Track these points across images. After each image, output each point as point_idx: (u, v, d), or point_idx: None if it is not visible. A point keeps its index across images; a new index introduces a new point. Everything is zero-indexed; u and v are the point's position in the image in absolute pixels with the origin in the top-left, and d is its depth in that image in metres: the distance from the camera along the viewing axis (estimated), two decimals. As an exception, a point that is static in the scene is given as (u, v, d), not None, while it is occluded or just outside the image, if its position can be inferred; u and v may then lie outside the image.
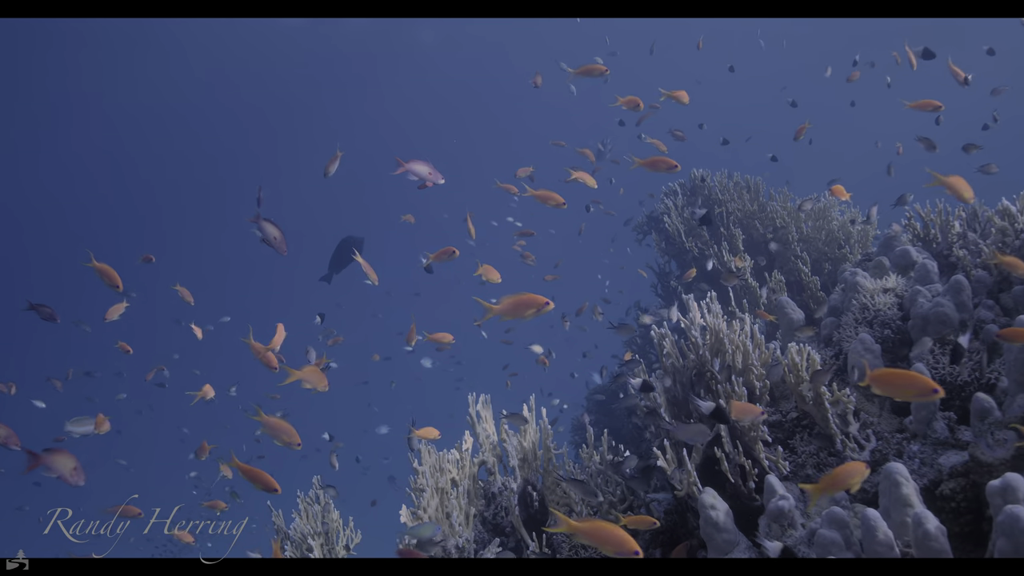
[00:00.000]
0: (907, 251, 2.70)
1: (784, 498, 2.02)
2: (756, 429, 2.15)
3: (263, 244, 2.84)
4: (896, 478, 1.80)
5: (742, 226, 4.60)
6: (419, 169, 2.69)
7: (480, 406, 2.83)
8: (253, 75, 23.22)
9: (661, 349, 2.45)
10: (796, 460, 2.25)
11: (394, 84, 24.54)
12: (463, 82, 24.38)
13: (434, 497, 2.33)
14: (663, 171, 3.10)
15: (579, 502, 2.49)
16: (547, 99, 22.90)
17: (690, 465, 2.10)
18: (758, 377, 2.28)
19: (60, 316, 3.66)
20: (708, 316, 2.37)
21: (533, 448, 2.68)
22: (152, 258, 4.38)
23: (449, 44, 22.09)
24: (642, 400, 2.52)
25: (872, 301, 2.54)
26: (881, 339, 2.46)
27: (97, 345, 6.75)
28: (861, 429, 2.30)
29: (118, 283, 3.11)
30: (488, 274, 2.99)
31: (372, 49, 23.03)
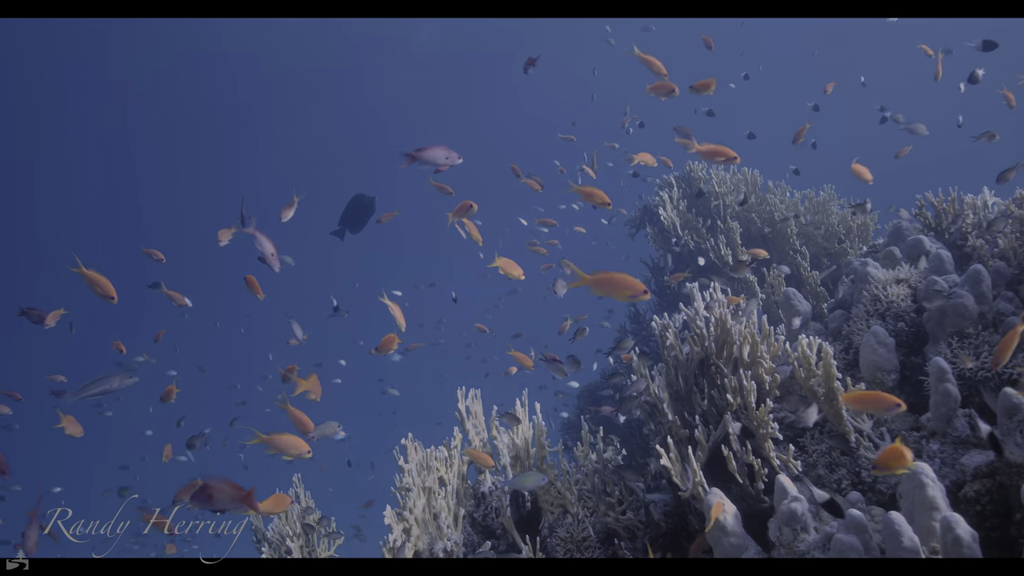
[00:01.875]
0: (920, 240, 2.58)
1: (797, 500, 1.89)
2: (766, 427, 2.01)
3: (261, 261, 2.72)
4: (921, 479, 1.66)
5: (740, 219, 4.48)
6: (435, 155, 2.53)
7: (470, 401, 2.68)
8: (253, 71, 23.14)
9: (663, 341, 2.31)
10: (807, 459, 2.11)
11: (395, 78, 24.46)
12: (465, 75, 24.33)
13: (421, 497, 2.18)
14: (720, 163, 2.92)
15: (575, 503, 2.34)
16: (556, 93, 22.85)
17: (696, 464, 1.96)
18: (767, 371, 2.15)
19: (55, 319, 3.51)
20: (715, 306, 2.23)
21: (526, 445, 2.54)
22: (163, 258, 4.09)
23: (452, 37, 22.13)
24: (642, 396, 2.37)
25: (884, 292, 2.41)
26: (895, 332, 2.33)
27: (97, 347, 6.52)
28: (875, 427, 2.17)
29: (111, 293, 2.74)
30: (508, 268, 2.84)
31: (370, 42, 22.98)
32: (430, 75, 24.64)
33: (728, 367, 2.20)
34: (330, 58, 23.34)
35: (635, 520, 2.31)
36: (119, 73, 21.73)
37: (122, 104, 22.95)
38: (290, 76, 23.81)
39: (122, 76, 21.90)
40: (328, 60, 23.40)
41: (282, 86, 24.17)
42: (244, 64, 22.86)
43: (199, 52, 21.81)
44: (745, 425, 2.10)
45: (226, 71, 22.88)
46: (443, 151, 2.53)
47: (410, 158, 2.53)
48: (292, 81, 24.11)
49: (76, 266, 2.76)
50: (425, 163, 2.56)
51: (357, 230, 5.57)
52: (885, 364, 2.24)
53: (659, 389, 2.20)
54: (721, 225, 4.41)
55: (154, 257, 3.91)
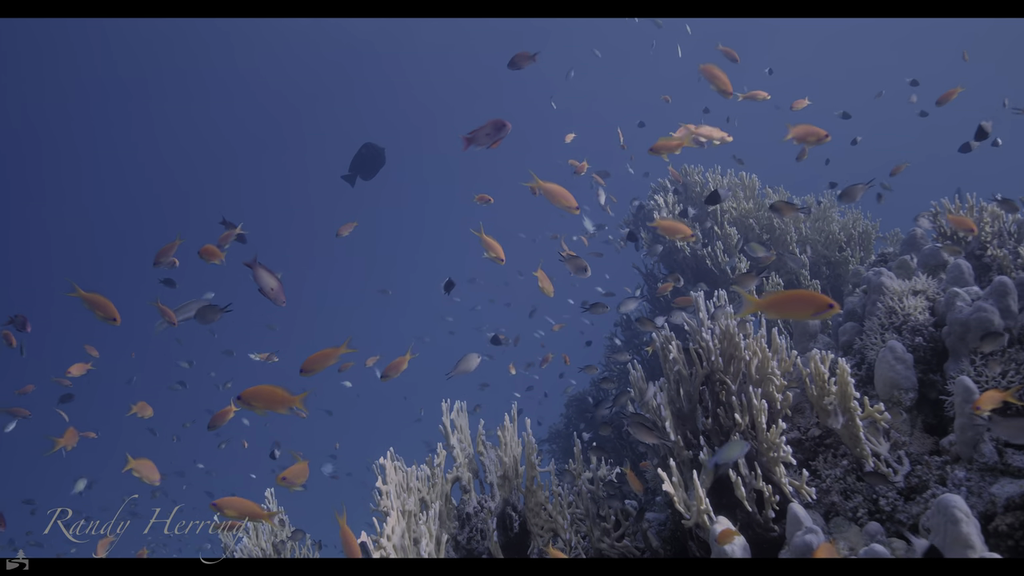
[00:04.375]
0: (938, 249, 2.42)
1: (812, 531, 1.72)
2: (778, 450, 1.84)
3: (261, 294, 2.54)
4: (954, 513, 1.50)
5: (737, 225, 4.33)
6: (490, 131, 2.37)
7: (455, 414, 2.50)
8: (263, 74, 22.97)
9: (665, 355, 2.14)
10: (820, 485, 1.94)
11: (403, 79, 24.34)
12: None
13: (400, 521, 1.99)
14: (812, 143, 2.76)
15: (567, 528, 2.16)
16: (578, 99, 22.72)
17: (701, 491, 1.78)
18: (778, 388, 1.98)
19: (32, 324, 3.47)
20: (720, 316, 2.06)
21: (515, 464, 2.36)
22: (176, 262, 3.86)
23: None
24: (639, 413, 2.20)
25: (901, 304, 2.25)
26: (912, 347, 2.17)
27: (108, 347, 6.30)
28: (892, 450, 2.01)
29: (114, 315, 2.57)
30: (543, 283, 2.69)
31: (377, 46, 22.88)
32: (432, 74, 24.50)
33: (735, 383, 2.03)
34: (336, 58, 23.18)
35: (632, 547, 2.13)
36: (127, 75, 21.52)
37: (127, 106, 22.69)
38: (297, 78, 23.64)
39: (131, 79, 21.72)
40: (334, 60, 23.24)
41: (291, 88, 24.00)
42: (252, 66, 22.68)
43: (207, 54, 21.61)
44: (754, 447, 1.93)
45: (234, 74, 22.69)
46: (495, 125, 2.37)
47: (468, 141, 2.39)
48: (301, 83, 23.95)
49: (73, 290, 2.56)
50: (481, 143, 2.41)
51: (368, 177, 5.48)
52: (903, 382, 2.08)
53: (661, 407, 2.02)
54: (718, 231, 4.26)
55: (166, 261, 3.71)
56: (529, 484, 2.27)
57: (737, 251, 4.12)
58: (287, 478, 2.15)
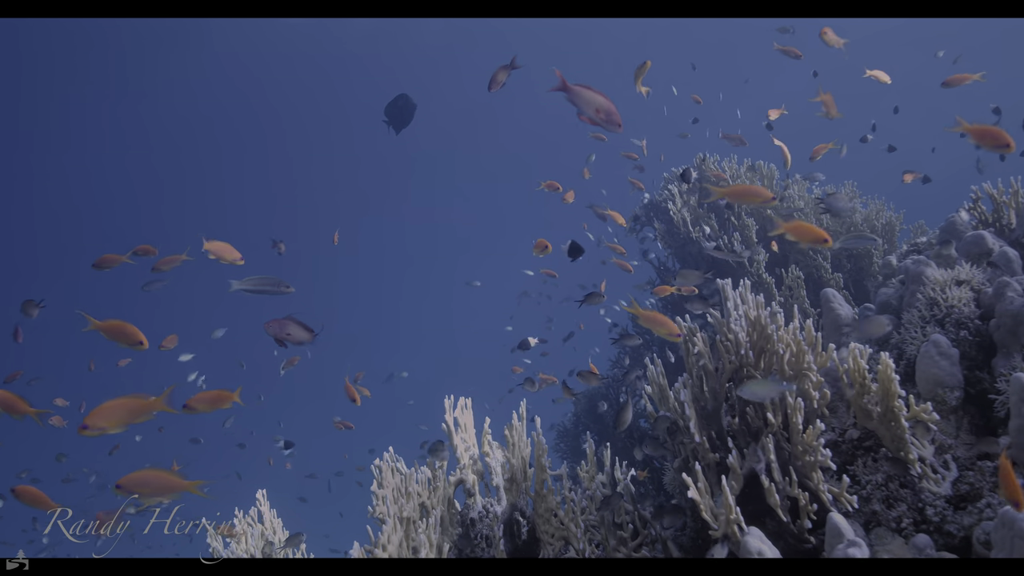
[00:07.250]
0: (981, 236, 2.24)
1: (855, 544, 1.54)
2: (815, 453, 1.67)
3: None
4: (1023, 528, 1.33)
5: (755, 216, 4.14)
6: (591, 99, 1.91)
7: (459, 412, 2.33)
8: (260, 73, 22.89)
9: (689, 348, 1.96)
10: (860, 492, 1.77)
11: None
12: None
13: (397, 529, 1.82)
14: (989, 147, 2.47)
15: (580, 537, 1.99)
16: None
17: (731, 498, 1.61)
18: (815, 385, 1.80)
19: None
20: (750, 307, 1.89)
21: (523, 466, 2.19)
22: (155, 251, 3.70)
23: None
24: (661, 413, 2.03)
25: (943, 296, 2.07)
26: (956, 341, 1.99)
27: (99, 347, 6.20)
28: (937, 453, 1.83)
29: (140, 338, 2.36)
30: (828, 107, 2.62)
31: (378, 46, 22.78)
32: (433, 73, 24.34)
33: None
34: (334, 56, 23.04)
35: (650, 558, 1.96)
36: (120, 72, 21.41)
37: (120, 103, 22.58)
38: (294, 76, 23.51)
39: (123, 75, 21.60)
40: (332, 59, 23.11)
41: (286, 86, 23.87)
42: (245, 64, 22.54)
43: (198, 52, 21.48)
44: (787, 450, 1.76)
45: (228, 71, 22.56)
46: (602, 102, 1.90)
47: (563, 84, 1.92)
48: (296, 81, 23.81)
49: (87, 324, 2.36)
50: (575, 103, 1.99)
51: (399, 129, 5.42)
52: (947, 379, 1.91)
53: (686, 405, 1.85)
54: (735, 222, 4.08)
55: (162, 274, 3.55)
56: (539, 488, 2.10)
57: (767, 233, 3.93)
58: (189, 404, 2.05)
